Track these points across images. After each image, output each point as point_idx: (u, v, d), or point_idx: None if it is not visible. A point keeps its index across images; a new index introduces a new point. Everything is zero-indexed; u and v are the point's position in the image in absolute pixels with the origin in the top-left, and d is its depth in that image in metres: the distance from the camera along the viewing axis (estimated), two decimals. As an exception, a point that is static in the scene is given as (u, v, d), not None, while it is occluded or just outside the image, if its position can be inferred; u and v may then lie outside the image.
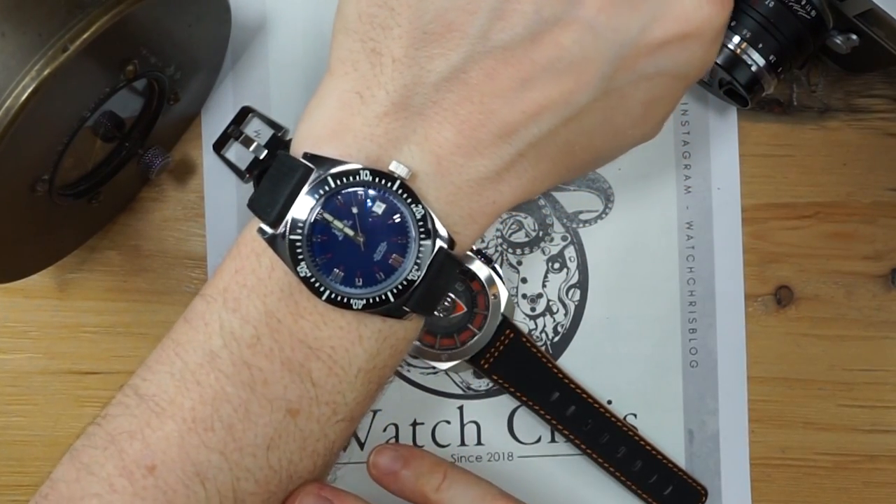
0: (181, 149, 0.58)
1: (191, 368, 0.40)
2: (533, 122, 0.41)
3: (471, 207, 0.41)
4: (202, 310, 0.41)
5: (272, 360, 0.40)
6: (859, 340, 0.57)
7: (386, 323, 0.41)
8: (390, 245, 0.41)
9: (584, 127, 0.42)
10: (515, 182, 0.42)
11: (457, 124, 0.40)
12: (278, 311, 0.40)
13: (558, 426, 0.56)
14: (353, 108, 0.41)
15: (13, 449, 0.57)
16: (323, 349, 0.41)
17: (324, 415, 0.41)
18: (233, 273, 0.41)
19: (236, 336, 0.40)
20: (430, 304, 0.42)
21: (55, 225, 0.51)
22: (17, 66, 0.40)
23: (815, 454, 0.58)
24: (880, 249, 0.57)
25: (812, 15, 0.50)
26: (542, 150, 0.42)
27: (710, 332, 0.57)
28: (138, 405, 0.40)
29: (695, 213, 0.57)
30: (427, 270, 0.40)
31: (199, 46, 0.52)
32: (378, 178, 0.40)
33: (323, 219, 0.40)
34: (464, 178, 0.41)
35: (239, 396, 0.40)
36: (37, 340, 0.58)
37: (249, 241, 0.41)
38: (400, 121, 0.40)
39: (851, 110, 0.57)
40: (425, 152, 0.40)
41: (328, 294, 0.40)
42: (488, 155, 0.41)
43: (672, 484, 0.56)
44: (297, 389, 0.40)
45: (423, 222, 0.40)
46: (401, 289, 0.40)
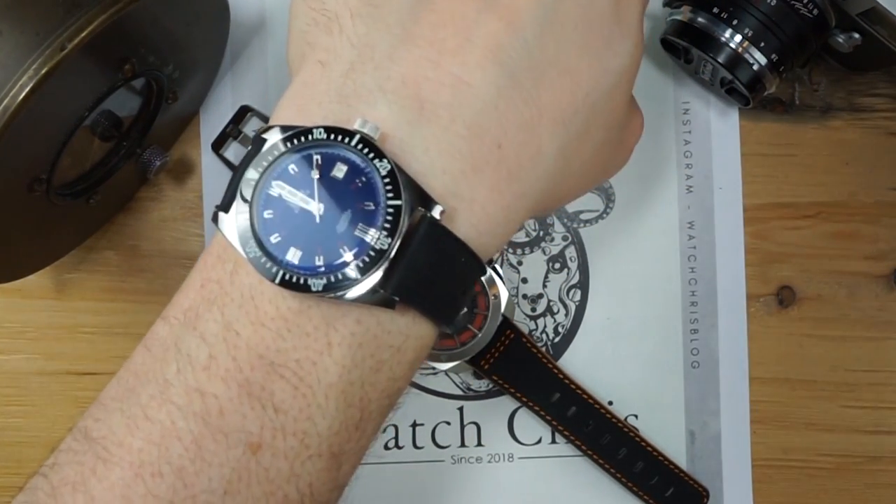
0: (179, 148, 0.57)
1: (143, 403, 0.34)
2: (514, 28, 0.36)
3: (472, 156, 0.35)
4: (163, 334, 0.35)
5: (228, 384, 0.33)
6: (862, 341, 0.57)
7: (361, 325, 0.34)
8: (356, 213, 0.34)
9: (568, 32, 0.38)
10: (520, 118, 0.36)
11: (434, 56, 0.35)
12: (237, 321, 0.34)
13: (559, 427, 0.56)
14: (317, 75, 0.36)
15: (10, 450, 0.57)
16: (286, 364, 0.34)
17: (292, 449, 0.34)
18: (198, 288, 0.35)
19: (192, 359, 0.34)
20: (424, 293, 0.35)
21: (53, 225, 0.51)
22: (15, 65, 0.39)
23: (817, 455, 0.58)
24: (883, 249, 0.57)
25: (814, 14, 0.50)
26: (536, 70, 0.37)
27: (711, 332, 0.57)
28: (86, 451, 0.34)
29: (696, 212, 0.57)
30: (406, 241, 0.33)
31: (198, 45, 0.52)
32: (334, 136, 0.34)
33: (274, 190, 0.34)
34: (456, 118, 0.35)
35: (190, 431, 0.33)
36: (34, 341, 0.57)
37: (215, 248, 0.36)
38: (369, 72, 0.35)
39: (854, 109, 0.57)
40: (404, 98, 0.35)
41: (282, 276, 0.33)
42: (477, 82, 0.35)
43: (673, 485, 0.56)
44: (257, 418, 0.33)
45: (390, 180, 0.33)
46: (367, 261, 0.33)
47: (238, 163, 0.35)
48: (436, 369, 0.57)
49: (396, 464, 0.57)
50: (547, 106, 0.37)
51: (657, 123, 0.57)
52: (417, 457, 0.57)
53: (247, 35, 0.57)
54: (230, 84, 0.57)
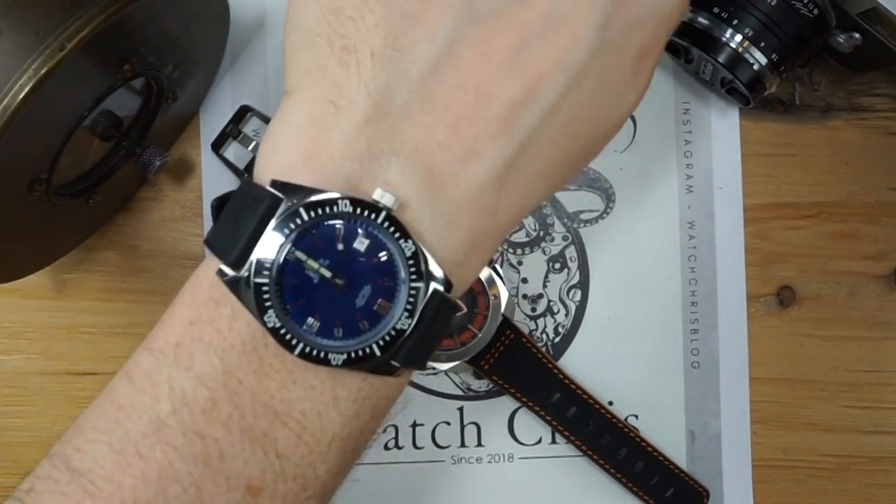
0: (179, 148, 0.57)
1: (133, 439, 0.33)
2: (533, 98, 0.35)
3: (471, 227, 0.35)
4: (149, 367, 0.34)
5: (230, 430, 0.33)
6: (862, 341, 0.57)
7: (366, 381, 0.35)
8: (376, 288, 0.34)
9: (583, 96, 0.36)
10: (516, 184, 0.36)
11: (450, 121, 0.34)
12: (239, 369, 0.34)
13: (559, 427, 0.56)
14: (328, 120, 0.34)
15: (10, 450, 0.57)
16: (291, 414, 0.34)
17: (291, 492, 0.35)
18: (186, 324, 0.34)
19: (188, 400, 0.33)
20: (422, 357, 0.35)
21: (52, 225, 0.51)
22: (14, 65, 0.39)
23: (817, 456, 0.58)
24: (883, 249, 0.57)
25: (814, 13, 0.50)
26: (543, 136, 0.36)
27: (711, 332, 0.57)
28: (69, 482, 0.33)
29: (696, 212, 0.57)
30: (420, 318, 0.34)
31: (198, 45, 0.52)
32: (360, 210, 0.33)
33: (295, 258, 0.33)
34: (461, 189, 0.35)
35: (190, 474, 0.33)
36: (34, 341, 0.57)
37: (206, 286, 0.35)
38: (384, 129, 0.34)
39: (854, 109, 0.57)
40: (416, 165, 0.34)
41: (302, 348, 0.33)
42: (488, 154, 0.35)
43: (673, 485, 0.56)
44: (259, 463, 0.34)
45: (413, 261, 0.34)
46: (388, 340, 0.34)
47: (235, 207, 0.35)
48: (436, 369, 0.56)
49: (396, 464, 0.57)
50: (542, 166, 0.37)
51: (657, 123, 0.57)
52: (417, 457, 0.57)
53: (247, 35, 0.57)
54: (230, 84, 0.57)
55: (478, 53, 0.35)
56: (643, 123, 0.57)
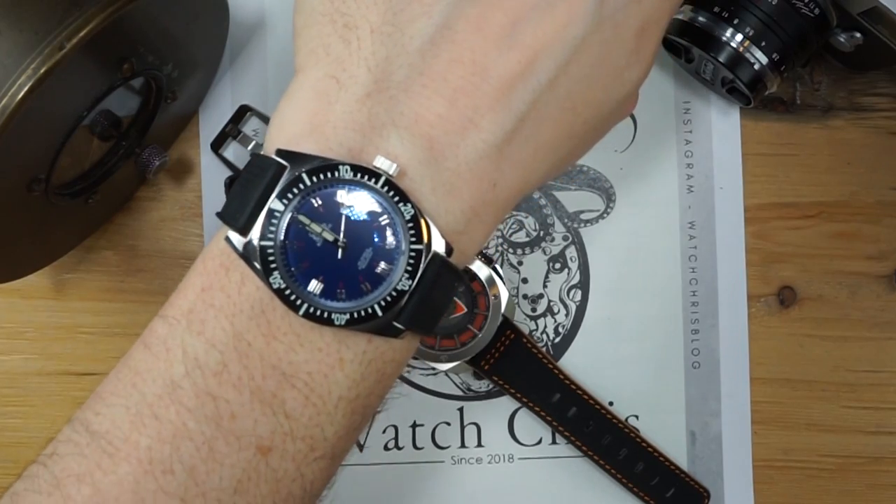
0: (179, 148, 0.57)
1: (148, 401, 0.35)
2: (530, 72, 0.36)
3: (471, 196, 0.36)
4: (164, 333, 0.36)
5: (240, 391, 0.35)
6: (863, 341, 0.57)
7: (371, 344, 0.36)
8: (377, 251, 0.35)
9: (583, 71, 0.37)
10: (517, 157, 0.37)
11: (448, 94, 0.35)
12: (248, 332, 0.35)
13: (559, 428, 0.56)
14: (331, 94, 0.36)
15: (9, 451, 0.57)
16: (298, 375, 0.35)
17: (300, 452, 0.36)
18: (199, 291, 0.36)
19: (201, 363, 0.35)
20: (427, 321, 0.37)
21: (51, 225, 0.50)
22: (13, 65, 0.39)
23: (818, 456, 0.57)
24: (884, 249, 0.57)
25: (815, 13, 0.50)
26: (543, 110, 0.37)
27: (712, 332, 0.57)
28: (89, 443, 0.35)
29: (697, 212, 0.57)
30: (420, 280, 0.35)
31: (197, 45, 0.52)
32: (360, 175, 0.35)
33: (298, 222, 0.35)
34: (461, 160, 0.36)
35: (202, 433, 0.34)
36: (33, 341, 0.57)
37: (217, 255, 0.36)
38: (384, 102, 0.36)
39: (855, 109, 0.57)
40: (415, 136, 0.35)
41: (306, 308, 0.35)
42: (486, 126, 0.36)
43: (674, 486, 0.56)
44: (268, 423, 0.35)
45: (413, 224, 0.35)
46: (390, 301, 0.35)
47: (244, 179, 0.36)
48: (436, 370, 0.56)
49: (396, 465, 0.57)
50: (544, 140, 0.38)
51: (658, 123, 0.57)
52: (417, 457, 0.57)
53: (246, 34, 0.57)
54: (229, 83, 0.57)
55: (474, 28, 0.36)
56: (644, 123, 0.57)
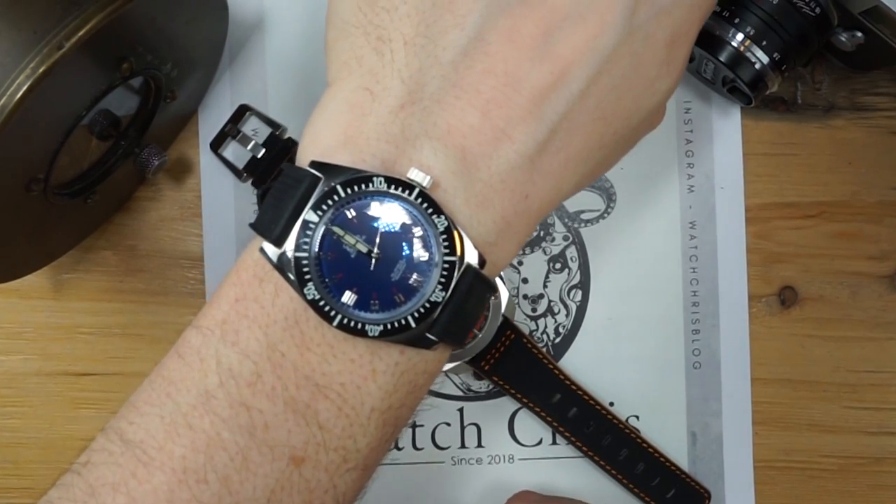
0: (178, 147, 0.57)
1: (183, 411, 0.35)
2: (562, 83, 0.36)
3: (503, 208, 0.36)
4: (198, 344, 0.36)
5: (274, 401, 0.35)
6: (864, 341, 0.57)
7: (404, 355, 0.36)
8: (410, 263, 0.36)
9: (614, 81, 0.38)
10: (548, 167, 0.37)
11: (481, 105, 0.36)
12: (282, 343, 0.35)
13: (560, 428, 0.56)
14: (365, 106, 0.36)
15: (7, 451, 0.57)
16: (332, 386, 0.35)
17: (332, 463, 0.36)
18: (232, 302, 0.36)
19: (234, 373, 0.35)
20: (459, 332, 0.37)
21: (50, 225, 0.50)
22: (12, 64, 0.39)
23: (819, 457, 0.57)
24: (885, 249, 0.57)
25: (817, 12, 0.50)
26: (574, 120, 0.37)
27: (713, 333, 0.57)
28: (123, 452, 0.35)
29: (698, 212, 0.57)
30: (453, 292, 0.35)
31: (196, 44, 0.52)
32: (394, 187, 0.35)
33: (332, 233, 0.35)
34: (493, 171, 0.36)
35: (236, 443, 0.35)
36: (32, 342, 0.57)
37: (251, 265, 0.36)
38: (417, 114, 0.36)
39: (856, 108, 0.57)
40: (448, 147, 0.36)
41: (340, 319, 0.35)
42: (519, 137, 0.36)
43: (675, 487, 0.56)
44: (302, 434, 0.35)
45: (446, 236, 0.35)
46: (423, 312, 0.35)
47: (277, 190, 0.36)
48: (436, 370, 0.56)
49: (396, 465, 0.57)
50: (574, 151, 0.38)
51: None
52: (417, 458, 0.57)
53: (245, 34, 0.57)
54: (229, 83, 0.57)
55: (507, 40, 0.36)
56: (644, 123, 0.57)
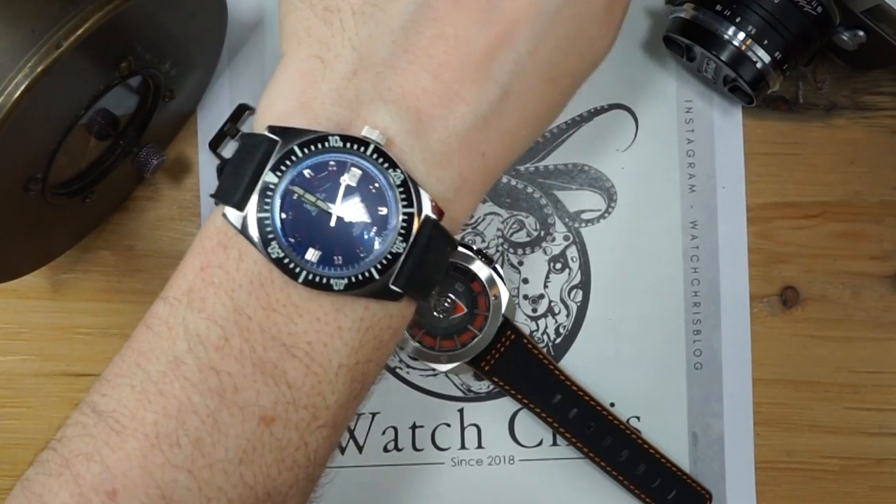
0: (176, 147, 0.57)
1: (153, 378, 0.36)
2: (510, 44, 0.38)
3: (461, 165, 0.38)
4: (165, 314, 0.37)
5: (242, 363, 0.36)
6: (866, 342, 0.57)
7: (368, 310, 0.37)
8: (370, 217, 0.37)
9: (560, 42, 0.39)
10: (505, 127, 0.39)
11: (433, 69, 0.37)
12: (248, 306, 0.36)
13: (560, 429, 0.56)
14: (317, 73, 0.38)
15: (6, 452, 0.57)
16: (299, 346, 0.36)
17: (303, 420, 0.37)
18: (198, 270, 0.37)
19: (202, 339, 0.36)
20: (422, 284, 0.38)
21: (48, 224, 0.50)
22: (10, 63, 0.39)
23: (821, 458, 0.57)
24: (888, 249, 0.57)
25: (818, 11, 0.50)
26: (525, 81, 0.39)
27: (714, 333, 0.57)
28: (96, 423, 0.36)
29: (699, 212, 0.57)
30: (413, 243, 0.37)
31: (195, 43, 0.51)
32: (350, 144, 0.36)
33: (292, 193, 0.36)
34: (450, 131, 0.38)
35: (206, 406, 0.36)
36: (30, 342, 0.57)
37: (214, 234, 0.37)
38: (370, 79, 0.37)
39: (858, 108, 0.57)
40: (403, 109, 0.37)
41: (305, 275, 0.36)
42: (472, 98, 0.38)
43: (676, 488, 0.56)
44: (271, 394, 0.36)
45: (403, 189, 0.37)
46: (385, 264, 0.36)
47: (235, 157, 0.38)
48: (436, 371, 0.56)
49: (396, 466, 0.57)
50: (529, 113, 0.40)
51: (659, 122, 0.57)
52: (417, 459, 0.57)
53: (244, 33, 0.57)
54: (228, 82, 0.57)
55: (453, 4, 0.38)
56: (645, 122, 0.57)
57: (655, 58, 0.57)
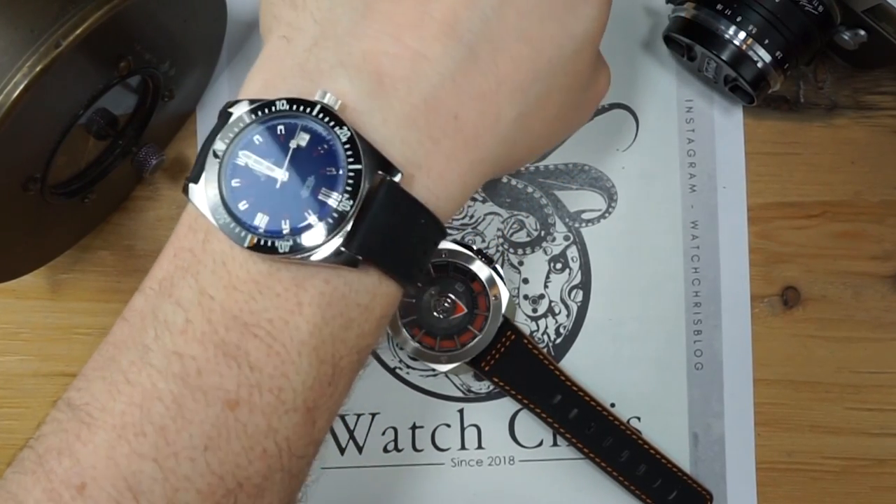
0: (176, 147, 0.57)
1: (123, 368, 0.35)
2: (472, 2, 0.37)
3: (429, 127, 0.37)
4: (140, 305, 0.37)
5: (205, 345, 0.35)
6: (867, 342, 0.57)
7: (329, 284, 0.36)
8: (319, 179, 0.35)
9: (530, 1, 0.39)
10: (478, 89, 0.38)
11: (393, 31, 0.37)
12: (211, 286, 0.36)
13: (560, 430, 0.56)
14: (282, 51, 0.37)
15: (4, 453, 0.57)
16: (259, 324, 0.35)
17: (268, 405, 0.36)
18: (171, 258, 0.37)
19: (168, 324, 0.35)
20: (386, 253, 0.36)
21: (47, 224, 0.50)
22: (9, 63, 0.39)
23: (822, 458, 0.57)
24: (888, 249, 0.57)
25: (819, 10, 0.50)
26: (495, 41, 0.38)
27: (715, 333, 0.57)
28: (70, 418, 0.36)
29: (700, 212, 0.57)
30: (366, 203, 0.35)
31: (195, 42, 0.51)
32: (296, 107, 0.35)
33: (242, 160, 0.36)
34: (415, 91, 0.36)
35: (171, 392, 0.35)
36: (29, 342, 0.57)
37: (186, 219, 0.37)
38: (331, 48, 0.37)
39: (859, 107, 0.57)
40: (363, 72, 0.36)
41: (249, 239, 0.35)
42: (435, 56, 0.37)
43: (676, 488, 0.56)
44: (234, 376, 0.35)
45: (350, 146, 0.35)
46: (331, 223, 0.35)
47: None
48: (435, 371, 0.56)
49: (396, 467, 0.57)
50: (506, 75, 0.38)
51: (660, 122, 0.57)
52: (417, 460, 0.57)
53: (244, 32, 0.57)
54: (227, 82, 0.57)
55: None
56: (645, 122, 0.57)
57: (656, 57, 0.57)
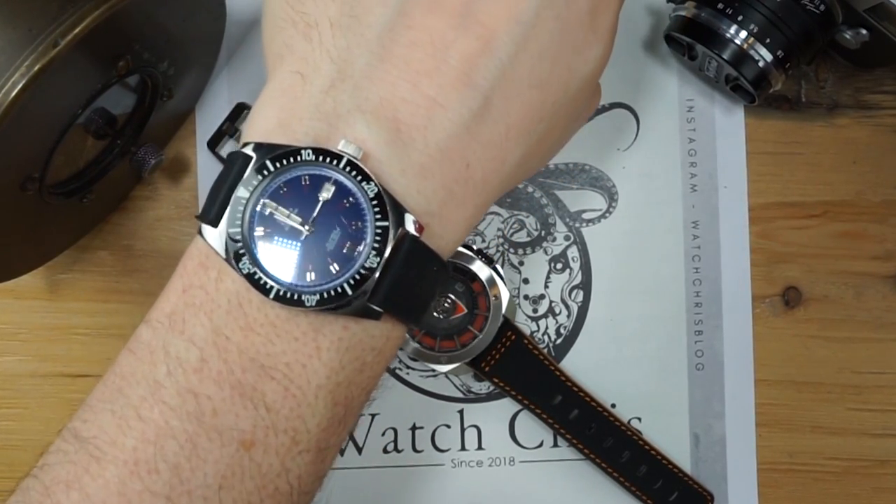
0: (175, 146, 0.57)
1: (133, 403, 0.35)
2: (489, 49, 0.37)
3: (444, 176, 0.37)
4: (147, 338, 0.36)
5: (221, 385, 0.35)
6: (869, 342, 0.57)
7: (348, 331, 0.37)
8: (344, 232, 0.36)
9: (542, 47, 0.39)
10: (488, 136, 0.38)
11: (410, 77, 0.37)
12: (226, 326, 0.36)
13: (561, 430, 0.56)
14: (297, 89, 0.37)
15: (3, 454, 0.57)
16: (277, 367, 0.36)
17: (283, 445, 0.36)
18: (180, 293, 0.37)
19: (182, 361, 0.35)
20: (405, 304, 0.37)
21: (45, 224, 0.50)
22: (7, 62, 0.39)
23: (823, 459, 0.57)
24: (890, 249, 0.57)
25: (821, 9, 0.50)
26: (508, 88, 0.38)
27: (716, 333, 0.57)
28: (77, 450, 0.35)
29: (701, 212, 0.57)
30: (390, 258, 0.36)
31: (193, 42, 0.51)
32: (322, 158, 0.35)
33: (265, 208, 0.36)
34: (430, 140, 0.37)
35: (185, 430, 0.35)
36: (27, 342, 0.57)
37: (196, 255, 0.37)
38: (348, 90, 0.37)
39: (861, 107, 0.57)
40: (381, 119, 0.36)
41: (276, 291, 0.35)
42: (451, 105, 0.37)
43: (677, 489, 0.56)
44: (249, 417, 0.35)
45: (377, 202, 0.35)
46: (358, 279, 0.35)
47: (218, 178, 0.37)
48: (435, 372, 0.56)
49: (395, 468, 0.57)
50: (514, 121, 0.39)
51: (661, 121, 0.57)
52: (417, 460, 0.57)
53: (243, 31, 0.57)
54: (226, 81, 0.57)
55: (428, 11, 0.37)
56: (646, 121, 0.57)
57: (657, 56, 0.57)
